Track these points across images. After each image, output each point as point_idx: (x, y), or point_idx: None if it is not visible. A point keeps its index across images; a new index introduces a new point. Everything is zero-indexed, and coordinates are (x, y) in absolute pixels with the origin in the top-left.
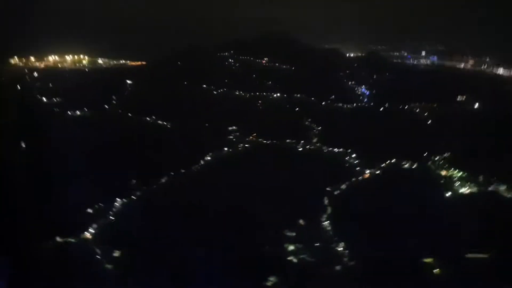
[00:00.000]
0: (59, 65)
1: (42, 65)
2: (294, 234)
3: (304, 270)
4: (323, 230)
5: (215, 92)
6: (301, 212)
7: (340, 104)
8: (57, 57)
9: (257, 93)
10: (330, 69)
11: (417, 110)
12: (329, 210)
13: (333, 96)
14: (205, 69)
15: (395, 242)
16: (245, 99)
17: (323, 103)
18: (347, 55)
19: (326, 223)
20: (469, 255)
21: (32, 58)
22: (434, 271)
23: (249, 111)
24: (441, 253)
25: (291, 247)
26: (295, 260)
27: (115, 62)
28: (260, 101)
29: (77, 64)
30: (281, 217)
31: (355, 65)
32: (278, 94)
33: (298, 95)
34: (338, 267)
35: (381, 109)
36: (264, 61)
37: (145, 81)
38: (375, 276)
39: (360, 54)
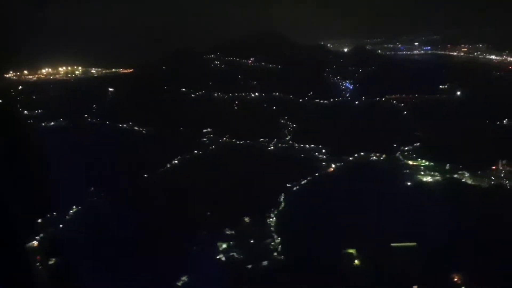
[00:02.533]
0: (51, 77)
1: (35, 78)
2: (233, 232)
3: (225, 268)
4: (266, 226)
5: (193, 95)
6: (252, 210)
7: (317, 100)
8: (50, 69)
9: (236, 94)
10: (315, 66)
11: (394, 102)
12: (282, 206)
13: (311, 93)
14: (189, 72)
15: (331, 235)
16: (223, 101)
17: (301, 100)
18: (343, 50)
19: (273, 219)
20: (394, 244)
21: (25, 71)
22: (355, 262)
23: (226, 112)
24: (366, 243)
25: (224, 245)
26: (223, 258)
27: (107, 70)
28: (237, 102)
29: (69, 75)
30: (228, 215)
31: (341, 60)
32: (257, 94)
33: (277, 94)
34: (265, 262)
35: (356, 103)
36: (250, 61)
37: (127, 88)
38: (298, 269)
39: (349, 49)
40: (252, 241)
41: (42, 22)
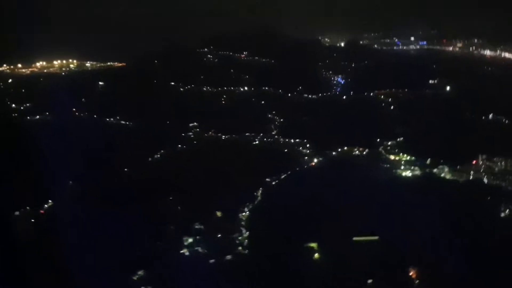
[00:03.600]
0: (45, 71)
1: (28, 71)
2: (202, 226)
3: (186, 262)
4: (237, 221)
5: (181, 89)
6: (227, 204)
7: (306, 95)
8: (44, 63)
9: (225, 88)
10: (308, 60)
11: (382, 97)
12: (257, 200)
13: (300, 87)
14: (181, 66)
15: (301, 229)
16: (212, 95)
17: (289, 95)
18: (339, 44)
19: (245, 213)
20: (356, 238)
21: (19, 65)
22: (315, 255)
23: (214, 106)
24: (332, 237)
25: (190, 240)
26: (187, 253)
27: (101, 64)
28: (226, 96)
29: (63, 69)
30: (200, 210)
31: (334, 55)
32: (246, 88)
33: (266, 88)
34: (228, 257)
35: (344, 98)
36: (243, 55)
37: (117, 82)
38: (260, 263)
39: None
40: (219, 236)
41: (39, 15)
